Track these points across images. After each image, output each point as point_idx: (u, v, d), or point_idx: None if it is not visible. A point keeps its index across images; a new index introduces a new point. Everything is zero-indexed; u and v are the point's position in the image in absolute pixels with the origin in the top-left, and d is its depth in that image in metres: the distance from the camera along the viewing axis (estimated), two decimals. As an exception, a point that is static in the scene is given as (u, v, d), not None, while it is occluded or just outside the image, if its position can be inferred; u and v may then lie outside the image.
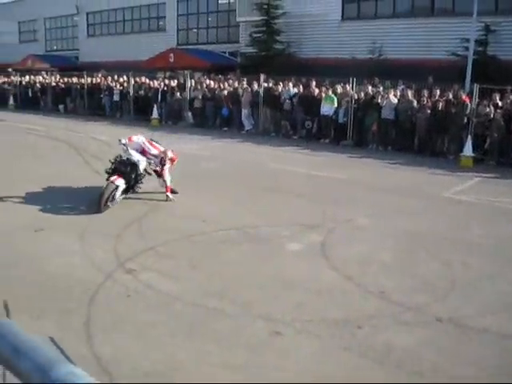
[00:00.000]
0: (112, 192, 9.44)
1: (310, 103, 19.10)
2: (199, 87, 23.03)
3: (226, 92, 21.87)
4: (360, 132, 18.28)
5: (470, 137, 15.53)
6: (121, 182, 9.60)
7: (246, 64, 29.14)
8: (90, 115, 25.96)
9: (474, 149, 15.40)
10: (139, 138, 10.73)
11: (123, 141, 10.02)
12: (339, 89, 18.94)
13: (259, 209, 9.94)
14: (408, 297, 6.24)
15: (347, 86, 18.61)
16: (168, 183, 10.36)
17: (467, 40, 21.29)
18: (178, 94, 23.52)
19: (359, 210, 9.97)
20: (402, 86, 19.43)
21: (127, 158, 9.98)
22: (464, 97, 16.53)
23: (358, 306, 5.99)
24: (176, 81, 25.03)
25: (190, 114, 23.00)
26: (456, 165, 15.09)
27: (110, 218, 9.02)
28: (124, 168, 9.81)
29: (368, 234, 8.65)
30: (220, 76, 26.10)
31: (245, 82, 21.94)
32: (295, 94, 19.84)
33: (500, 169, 14.60)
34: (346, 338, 5.27)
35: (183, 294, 6.14)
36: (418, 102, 16.99)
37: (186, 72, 26.89)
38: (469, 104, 16.11)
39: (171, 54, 31.98)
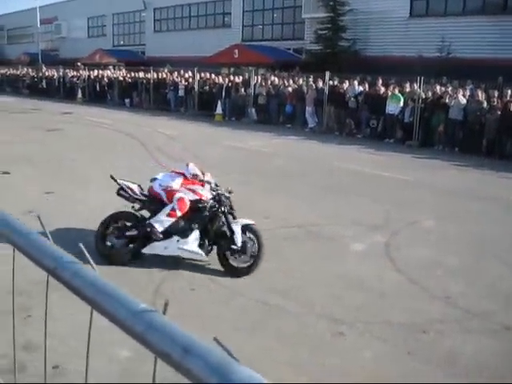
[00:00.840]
0: None
1: (375, 102, 18.88)
2: (263, 84, 23.09)
3: (290, 89, 21.85)
4: (426, 132, 17.93)
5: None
6: None
7: (310, 61, 29.02)
8: (155, 110, 26.44)
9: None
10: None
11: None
12: (408, 88, 18.62)
13: (322, 207, 9.89)
14: (475, 303, 6.09)
15: (414, 84, 18.28)
16: None
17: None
18: (242, 90, 23.65)
19: (424, 211, 9.78)
20: (471, 86, 18.97)
21: None
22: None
23: (423, 310, 5.89)
24: (240, 77, 25.17)
25: (253, 110, 23.10)
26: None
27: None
28: None
29: (433, 236, 8.48)
30: (284, 73, 26.11)
31: (310, 80, 21.85)
32: (360, 93, 19.65)
33: None
34: (409, 342, 5.19)
35: (246, 289, 6.18)
36: (488, 102, 16.52)
37: (250, 68, 27.02)
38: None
39: (236, 50, 32.17)
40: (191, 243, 6.62)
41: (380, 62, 25.41)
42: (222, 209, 6.84)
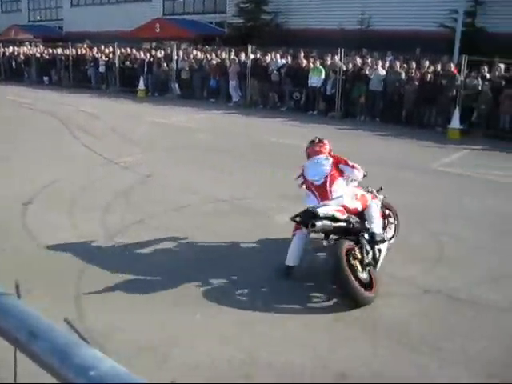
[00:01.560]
0: None
1: (297, 74, 18.99)
2: (186, 58, 22.79)
3: (213, 63, 21.67)
4: (348, 103, 18.24)
5: (457, 109, 15.55)
6: None
7: (233, 34, 28.85)
8: (75, 87, 25.67)
9: (462, 121, 15.45)
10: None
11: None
12: (329, 60, 18.79)
13: (248, 180, 9.91)
14: (399, 269, 6.29)
15: (335, 57, 18.49)
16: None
17: (456, 11, 21.23)
18: (165, 65, 23.26)
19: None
20: (391, 58, 19.36)
21: None
22: (452, 69, 16.49)
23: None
24: (162, 52, 24.75)
25: (176, 85, 22.80)
26: (443, 137, 15.13)
27: (98, 190, 8.98)
28: None
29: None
30: (207, 47, 25.86)
31: (232, 53, 21.72)
32: (283, 65, 19.70)
33: (487, 141, 14.64)
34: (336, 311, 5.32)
35: (176, 267, 6.14)
36: (407, 73, 16.92)
37: (172, 43, 26.60)
38: (457, 76, 16.09)
39: (157, 24, 31.56)
40: None
41: (302, 35, 25.51)
42: None
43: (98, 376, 0.76)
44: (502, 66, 15.92)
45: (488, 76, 15.91)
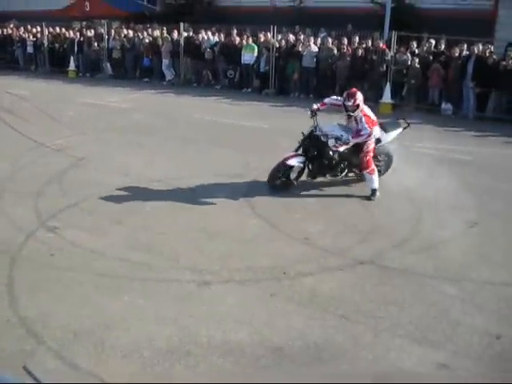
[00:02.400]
0: (285, 172, 8.24)
1: (231, 52, 18.86)
2: (117, 37, 22.27)
3: (146, 41, 21.27)
4: (282, 80, 18.29)
5: (388, 84, 15.86)
6: (295, 162, 8.21)
7: (165, 12, 28.36)
8: (2, 69, 24.71)
9: (393, 95, 15.78)
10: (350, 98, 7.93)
11: (314, 106, 8.36)
12: (262, 37, 18.76)
13: (183, 160, 9.86)
14: (332, 242, 6.43)
15: (268, 34, 18.48)
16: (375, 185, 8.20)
17: (386, -13, 21.50)
18: (96, 44, 22.65)
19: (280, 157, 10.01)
20: (323, 34, 19.49)
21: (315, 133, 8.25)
22: (382, 44, 16.76)
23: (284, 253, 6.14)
24: (93, 31, 24.08)
25: (108, 65, 22.27)
26: (375, 111, 15.31)
27: (30, 174, 8.77)
28: (308, 145, 8.29)
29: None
30: (139, 25, 25.32)
31: (165, 31, 21.38)
32: (216, 43, 19.53)
33: (417, 115, 14.97)
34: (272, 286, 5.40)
35: (108, 249, 6.08)
36: (338, 50, 17.09)
37: (103, 21, 25.95)
38: (387, 51, 16.38)
39: (86, 3, 30.66)
40: None
41: (235, 13, 25.30)
42: None
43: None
44: (433, 41, 16.28)
45: (417, 51, 16.26)
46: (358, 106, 7.82)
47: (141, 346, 4.35)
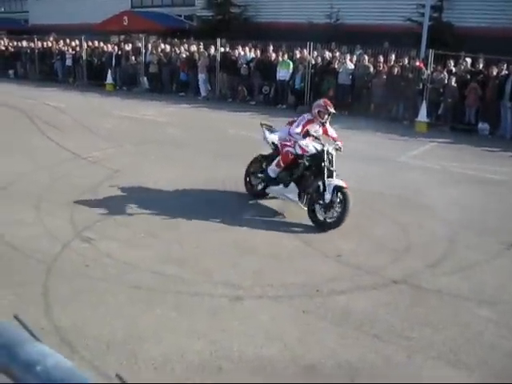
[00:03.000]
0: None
1: (267, 68, 18.99)
2: (154, 51, 22.60)
3: (183, 56, 21.54)
4: (317, 97, 18.24)
5: (424, 102, 15.75)
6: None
7: (202, 28, 28.67)
8: (41, 81, 25.25)
9: (429, 114, 15.66)
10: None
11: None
12: (297, 54, 18.84)
13: (217, 175, 9.89)
14: (365, 258, 6.38)
15: (304, 50, 18.54)
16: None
17: (423, 6, 21.44)
18: (133, 58, 23.03)
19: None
20: (359, 52, 19.47)
21: None
22: (418, 62, 16.68)
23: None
24: (130, 45, 24.49)
25: (145, 79, 22.62)
26: (411, 130, 15.29)
27: (65, 186, 8.89)
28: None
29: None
30: (176, 40, 25.67)
31: (201, 47, 21.62)
32: (252, 59, 19.69)
33: (453, 134, 14.87)
34: (305, 303, 5.37)
35: (142, 262, 6.12)
36: (374, 67, 17.06)
37: (140, 36, 26.35)
38: (424, 70, 16.29)
39: (125, 17, 31.22)
40: (291, 192, 7.84)
41: (271, 29, 25.47)
42: (322, 164, 7.42)
43: (44, 371, 0.77)
44: (469, 60, 16.15)
45: (454, 70, 16.13)
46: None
47: (172, 359, 4.35)
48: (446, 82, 15.73)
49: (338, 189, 7.30)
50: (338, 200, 7.30)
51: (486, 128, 15.32)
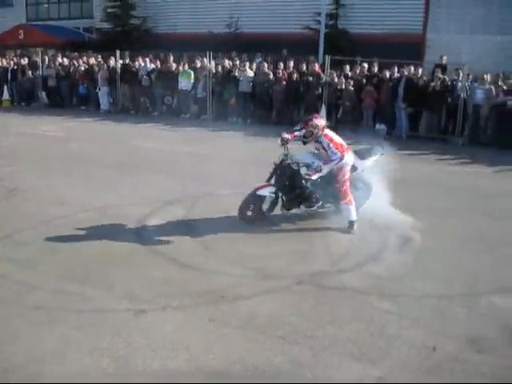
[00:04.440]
0: (256, 203, 7.85)
1: (168, 79, 18.91)
2: (52, 65, 21.99)
3: (82, 69, 21.07)
4: (219, 106, 18.43)
5: (324, 106, 16.19)
6: (266, 192, 7.82)
7: (101, 40, 28.22)
8: None
9: (329, 117, 16.08)
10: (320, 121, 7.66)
11: (285, 135, 7.71)
12: (198, 63, 18.90)
13: (121, 188, 9.75)
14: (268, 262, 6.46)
15: (204, 60, 18.63)
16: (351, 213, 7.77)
17: (319, 14, 22.10)
18: (30, 72, 22.30)
19: (220, 183, 10.06)
20: (259, 59, 19.77)
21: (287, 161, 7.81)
22: (316, 68, 17.13)
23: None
24: (27, 59, 23.68)
25: (43, 93, 21.97)
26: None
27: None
28: (279, 174, 7.84)
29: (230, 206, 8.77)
30: (74, 53, 25.10)
31: (100, 59, 21.24)
32: (153, 70, 19.56)
33: (353, 135, 15.29)
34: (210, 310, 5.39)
35: (42, 281, 5.94)
36: (274, 74, 17.37)
37: (38, 49, 25.61)
38: (322, 75, 16.75)
39: (20, 31, 30.27)
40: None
41: (172, 39, 25.41)
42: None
43: None
44: (366, 64, 16.74)
45: (350, 74, 16.70)
46: (311, 131, 7.45)
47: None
48: (344, 86, 16.25)
49: None
50: None
51: (384, 129, 15.94)
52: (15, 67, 22.91)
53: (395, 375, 4.38)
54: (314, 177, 7.56)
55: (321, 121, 7.60)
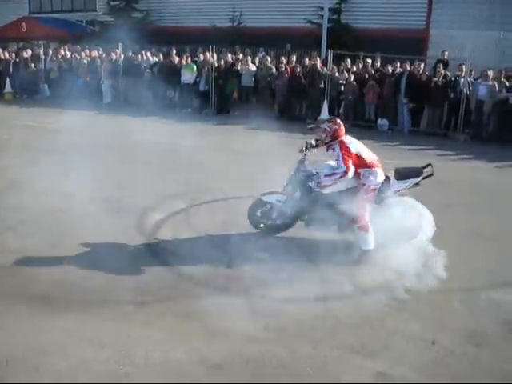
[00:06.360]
0: (263, 210, 7.17)
1: (170, 72, 18.91)
2: (55, 58, 21.98)
3: (84, 62, 21.06)
4: (221, 100, 18.43)
5: (326, 101, 16.19)
6: (272, 200, 7.09)
7: (104, 33, 28.16)
8: None
9: (331, 112, 16.11)
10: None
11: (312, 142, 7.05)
12: (201, 57, 18.89)
13: (122, 180, 9.77)
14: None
15: (207, 53, 18.62)
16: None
17: (322, 8, 22.06)
18: (33, 65, 22.29)
19: (221, 176, 10.07)
20: (262, 53, 19.77)
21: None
22: (319, 63, 17.12)
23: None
24: (29, 51, 23.65)
25: (46, 86, 21.96)
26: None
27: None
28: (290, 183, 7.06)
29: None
30: (77, 46, 25.08)
31: (102, 52, 21.22)
32: (155, 63, 19.55)
33: (355, 130, 15.23)
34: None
35: (44, 273, 5.98)
36: (277, 68, 17.38)
37: (40, 42, 25.59)
38: (325, 69, 16.74)
39: (23, 24, 30.22)
40: None
41: (175, 33, 25.37)
42: None
43: None
44: (369, 60, 16.73)
45: (354, 69, 16.68)
46: (320, 136, 6.78)
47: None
48: (346, 80, 16.25)
49: None
50: None
51: (386, 124, 15.97)
52: (17, 60, 22.89)
53: (394, 369, 4.41)
54: (326, 191, 6.63)
55: (333, 125, 6.73)
